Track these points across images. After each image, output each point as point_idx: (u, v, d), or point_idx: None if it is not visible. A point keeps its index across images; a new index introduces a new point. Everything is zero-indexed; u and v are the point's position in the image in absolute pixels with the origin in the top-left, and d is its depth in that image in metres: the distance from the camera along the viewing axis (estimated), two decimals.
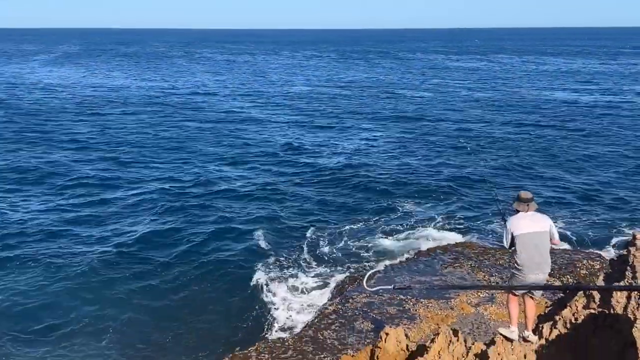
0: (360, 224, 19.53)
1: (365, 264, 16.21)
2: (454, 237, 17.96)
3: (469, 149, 30.09)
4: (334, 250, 17.45)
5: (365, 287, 7.32)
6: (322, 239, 18.30)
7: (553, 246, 7.92)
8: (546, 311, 8.99)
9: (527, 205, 7.88)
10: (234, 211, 20.93)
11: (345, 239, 18.24)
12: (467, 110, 43.66)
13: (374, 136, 34.16)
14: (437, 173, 25.70)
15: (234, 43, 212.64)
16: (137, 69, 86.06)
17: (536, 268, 7.62)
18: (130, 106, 46.12)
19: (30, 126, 36.46)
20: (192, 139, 33.01)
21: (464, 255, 16.33)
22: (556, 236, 7.95)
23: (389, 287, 11.51)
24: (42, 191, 23.05)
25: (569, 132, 34.88)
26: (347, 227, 19.19)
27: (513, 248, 7.80)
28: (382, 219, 19.94)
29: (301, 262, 16.71)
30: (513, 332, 7.92)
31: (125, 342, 12.79)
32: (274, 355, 11.78)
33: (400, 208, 21.07)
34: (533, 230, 7.71)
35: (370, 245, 17.71)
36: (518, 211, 7.93)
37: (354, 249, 17.48)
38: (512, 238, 7.78)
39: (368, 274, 7.99)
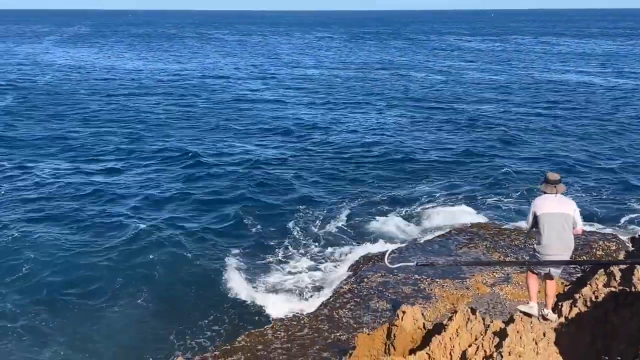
0: (374, 202, 19.52)
1: (380, 243, 16.20)
2: (469, 218, 17.90)
3: (483, 129, 30.00)
4: (347, 229, 17.46)
5: (387, 263, 7.23)
6: (335, 217, 18.32)
7: (575, 233, 7.74)
8: (566, 290, 8.97)
9: (555, 187, 7.73)
10: (248, 188, 20.99)
11: (358, 217, 18.25)
12: (483, 92, 43.39)
13: (389, 116, 34.04)
14: (451, 153, 25.62)
15: (244, 24, 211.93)
16: (149, 50, 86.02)
17: (556, 249, 7.54)
18: (142, 87, 46.17)
19: (44, 104, 36.59)
20: (203, 119, 33.03)
21: (479, 235, 16.33)
22: (579, 224, 7.72)
23: (411, 264, 11.47)
24: (56, 164, 23.16)
25: (583, 112, 34.62)
26: (359, 206, 19.20)
27: (535, 228, 7.72)
28: (396, 198, 19.92)
29: (315, 240, 16.74)
30: (532, 307, 7.88)
31: (138, 317, 12.88)
32: (289, 333, 11.88)
33: (413, 188, 21.04)
34: (558, 211, 7.58)
35: (383, 224, 17.69)
36: (545, 193, 7.80)
37: (367, 228, 17.48)
38: (535, 218, 7.68)
39: (389, 250, 7.96)
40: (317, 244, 16.52)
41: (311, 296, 13.63)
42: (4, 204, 19.37)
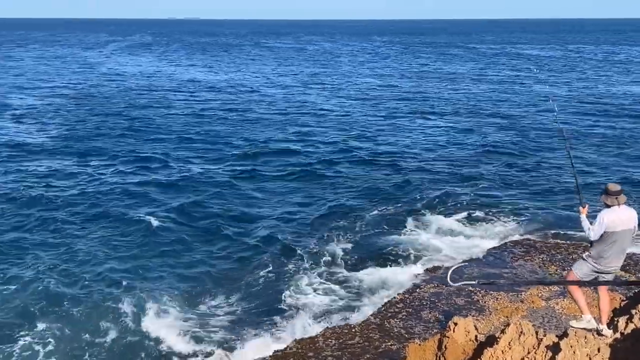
0: (423, 214, 19.36)
1: (431, 254, 16.12)
2: (524, 229, 17.63)
3: (537, 139, 29.57)
4: (398, 237, 17.38)
5: (450, 282, 7.21)
6: (384, 226, 18.26)
7: None
8: (621, 305, 8.78)
9: (616, 198, 7.65)
10: (300, 194, 21.25)
11: (407, 227, 18.14)
12: (540, 101, 42.67)
13: (442, 125, 33.84)
14: (502, 163, 25.32)
15: (304, 34, 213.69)
16: (210, 59, 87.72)
17: (617, 262, 7.47)
18: (200, 94, 47.15)
19: (105, 109, 37.74)
20: (261, 128, 33.49)
21: (535, 248, 16.07)
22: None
23: (473, 282, 11.34)
24: (104, 164, 23.85)
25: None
26: (410, 217, 19.03)
27: (598, 240, 7.62)
28: (445, 209, 19.70)
29: (365, 248, 16.73)
30: (586, 320, 7.76)
31: (187, 313, 13.14)
32: (340, 341, 11.92)
33: (463, 198, 20.76)
34: (627, 227, 7.51)
35: (434, 236, 17.55)
36: (607, 205, 7.70)
37: (417, 238, 17.34)
38: (604, 232, 7.58)
39: (452, 269, 7.85)
40: (367, 252, 16.51)
41: (362, 305, 13.65)
42: (63, 202, 20.13)
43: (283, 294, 14.19)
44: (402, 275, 15.01)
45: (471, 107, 40.85)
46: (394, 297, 13.62)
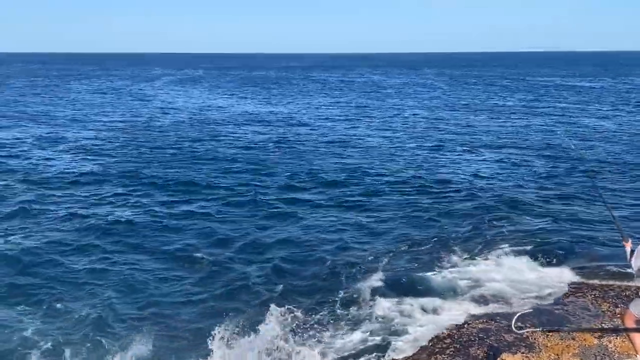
0: (469, 248, 19.12)
1: (478, 289, 15.91)
2: (573, 265, 17.28)
3: (586, 172, 29.10)
4: (444, 273, 17.15)
5: (514, 329, 7.15)
6: (429, 260, 18.07)
7: None
8: None
9: None
10: (346, 224, 21.28)
11: (455, 262, 17.94)
12: (591, 136, 42.00)
13: (495, 160, 33.56)
14: (553, 198, 24.91)
15: (352, 66, 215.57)
16: (260, 92, 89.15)
17: None
18: (250, 126, 47.86)
19: (159, 142, 38.66)
20: (305, 157, 33.79)
21: (586, 285, 15.74)
22: None
23: (537, 329, 11.17)
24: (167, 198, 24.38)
25: None
26: (455, 251, 18.84)
27: None
28: (494, 243, 19.42)
29: (410, 282, 16.60)
30: None
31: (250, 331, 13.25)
32: None
33: (513, 234, 20.43)
34: None
35: (481, 269, 17.32)
36: None
37: (465, 273, 17.11)
38: None
39: (517, 315, 7.65)
40: (412, 284, 16.37)
41: (408, 340, 13.54)
42: (109, 230, 20.66)
43: (327, 326, 14.18)
44: (449, 310, 14.86)
45: (519, 140, 40.46)
46: (442, 332, 13.50)
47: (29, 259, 18.29)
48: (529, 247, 18.90)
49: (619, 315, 13.22)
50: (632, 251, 7.74)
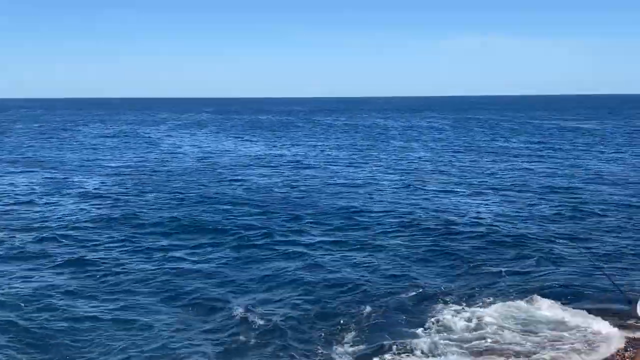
0: (479, 290, 19.05)
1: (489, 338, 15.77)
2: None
3: (602, 216, 29.06)
4: (446, 315, 16.95)
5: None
6: (434, 304, 17.99)
7: None
8: None
9: None
10: (352, 263, 21.24)
11: (461, 307, 17.85)
12: (598, 179, 42.09)
13: (502, 202, 33.60)
14: (562, 239, 24.90)
15: (356, 110, 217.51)
16: (264, 135, 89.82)
17: None
18: (257, 169, 48.06)
19: (167, 186, 38.77)
20: (311, 199, 33.85)
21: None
22: None
23: None
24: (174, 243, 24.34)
25: None
26: (464, 293, 18.76)
27: None
28: (493, 285, 19.36)
29: (412, 323, 16.48)
30: None
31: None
32: None
33: (527, 277, 20.40)
34: None
35: (486, 314, 17.18)
36: None
37: (465, 314, 17.00)
38: None
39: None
40: (413, 327, 16.28)
41: None
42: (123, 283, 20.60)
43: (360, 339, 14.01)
44: (446, 356, 14.67)
45: (526, 182, 40.56)
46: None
47: (31, 304, 18.15)
48: (529, 287, 18.94)
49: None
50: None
